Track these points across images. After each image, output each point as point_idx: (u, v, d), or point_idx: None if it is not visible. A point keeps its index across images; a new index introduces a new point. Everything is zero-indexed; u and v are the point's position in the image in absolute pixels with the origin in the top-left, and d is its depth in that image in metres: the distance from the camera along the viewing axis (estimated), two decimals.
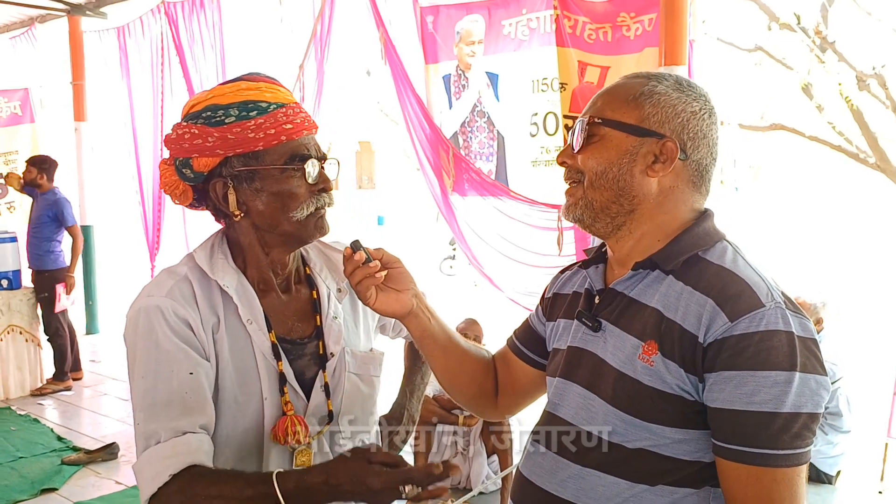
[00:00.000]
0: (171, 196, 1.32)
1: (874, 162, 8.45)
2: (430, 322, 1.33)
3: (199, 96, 1.26)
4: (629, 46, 3.77)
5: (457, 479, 3.79)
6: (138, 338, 1.19)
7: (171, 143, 1.25)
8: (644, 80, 1.14)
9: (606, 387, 1.12)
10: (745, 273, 1.07)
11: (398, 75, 4.48)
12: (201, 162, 1.22)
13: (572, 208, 1.17)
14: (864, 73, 7.90)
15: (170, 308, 1.19)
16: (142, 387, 1.17)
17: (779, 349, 1.00)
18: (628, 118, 1.12)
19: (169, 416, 1.14)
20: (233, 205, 1.23)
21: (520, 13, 4.12)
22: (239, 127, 1.20)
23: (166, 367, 1.17)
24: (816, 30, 7.81)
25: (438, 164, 4.45)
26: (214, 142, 1.20)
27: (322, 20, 4.81)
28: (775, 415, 0.99)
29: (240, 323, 1.24)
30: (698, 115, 1.12)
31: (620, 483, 1.10)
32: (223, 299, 1.25)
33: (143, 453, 1.14)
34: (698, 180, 1.15)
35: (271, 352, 1.26)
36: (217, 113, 1.21)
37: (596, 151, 1.13)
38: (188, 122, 1.23)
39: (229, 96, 1.22)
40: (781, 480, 1.01)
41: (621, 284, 1.17)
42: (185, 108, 1.28)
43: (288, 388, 1.26)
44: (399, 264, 1.29)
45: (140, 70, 6.27)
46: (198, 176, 1.24)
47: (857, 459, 3.95)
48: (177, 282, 1.23)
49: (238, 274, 1.27)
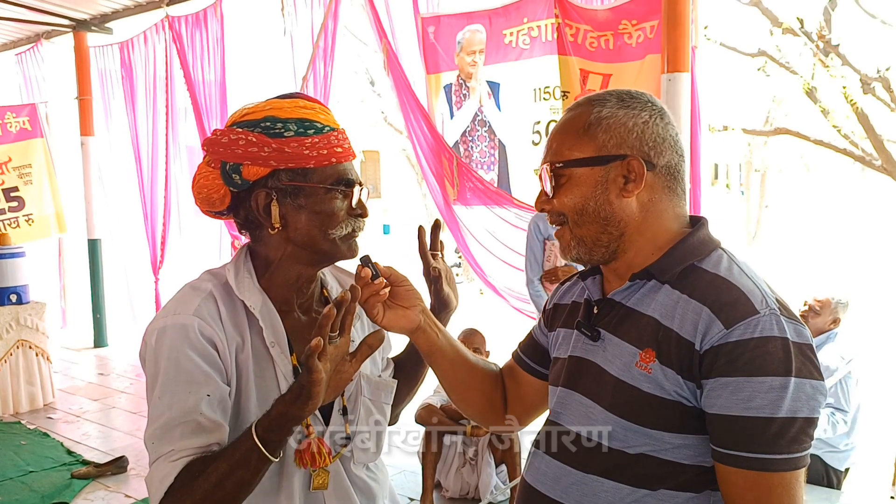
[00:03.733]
0: (203, 200, 1.28)
1: (881, 164, 8.43)
2: (438, 337, 1.35)
3: (256, 105, 1.25)
4: (631, 54, 3.77)
5: (465, 489, 3.79)
6: (161, 356, 1.18)
7: (220, 147, 1.23)
8: (587, 107, 1.16)
9: (606, 394, 1.14)
10: (739, 281, 1.08)
11: (400, 86, 4.50)
12: (252, 170, 1.21)
13: (567, 250, 1.20)
14: (869, 76, 7.88)
15: (196, 327, 1.18)
16: (159, 406, 1.17)
17: (774, 355, 1.01)
18: (586, 152, 1.14)
19: (182, 435, 1.15)
20: (275, 217, 1.23)
21: (521, 22, 4.14)
22: (296, 142, 1.21)
23: (185, 387, 1.16)
24: (819, 33, 7.81)
25: (441, 174, 4.46)
26: (270, 152, 1.20)
27: (325, 32, 4.84)
28: (771, 420, 1.00)
29: (263, 345, 1.25)
30: (650, 123, 1.14)
31: (622, 488, 1.11)
32: (248, 319, 1.25)
33: (154, 465, 1.15)
34: (673, 183, 1.16)
35: (293, 375, 1.26)
36: (276, 125, 1.21)
37: (569, 192, 1.15)
38: (244, 129, 1.22)
39: (287, 111, 1.23)
40: (779, 484, 1.02)
41: (619, 294, 1.18)
42: (237, 115, 1.26)
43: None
44: (407, 282, 1.31)
45: (144, 84, 6.32)
46: (244, 183, 1.23)
47: (867, 464, 3.92)
48: (203, 299, 1.22)
49: (263, 295, 1.27)
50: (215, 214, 1.31)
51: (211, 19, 5.61)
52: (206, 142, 1.26)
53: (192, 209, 6.18)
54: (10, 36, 7.35)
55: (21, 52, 7.40)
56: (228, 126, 1.26)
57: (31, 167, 7.00)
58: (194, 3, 5.75)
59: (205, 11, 5.63)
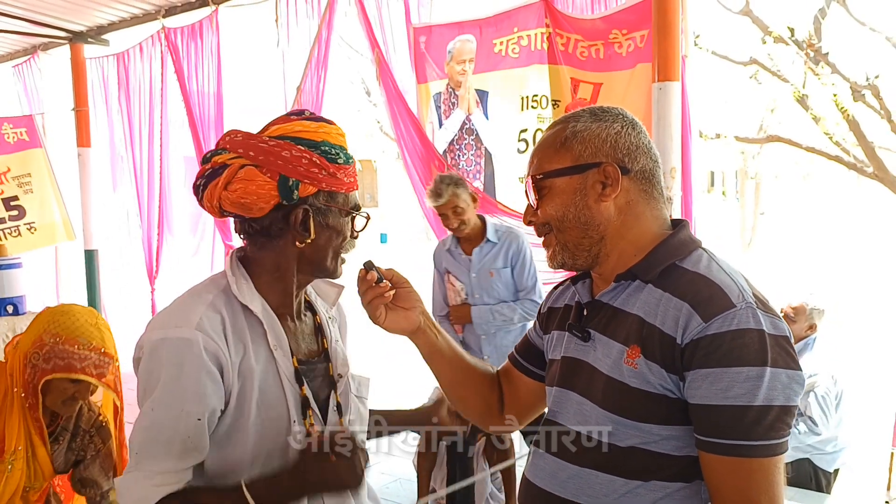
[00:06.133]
0: (241, 205, 1.26)
1: (872, 171, 8.49)
2: (437, 339, 1.41)
3: (308, 125, 1.28)
4: (621, 63, 3.81)
5: None
6: (159, 369, 1.19)
7: (279, 160, 1.24)
8: (563, 125, 1.25)
9: (597, 391, 1.20)
10: (717, 277, 1.14)
11: (391, 95, 4.54)
12: (306, 188, 1.26)
13: (553, 257, 1.27)
14: (859, 84, 7.95)
15: (201, 342, 1.20)
16: (149, 417, 1.20)
17: (750, 346, 1.06)
18: (565, 162, 1.22)
19: (167, 455, 1.19)
20: (312, 232, 1.29)
21: (511, 31, 4.17)
22: (343, 170, 1.29)
23: (178, 405, 1.19)
24: (809, 42, 7.88)
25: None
26: (325, 176, 1.27)
27: (319, 42, 4.88)
28: (748, 408, 1.05)
29: (267, 349, 1.28)
30: (622, 133, 1.22)
31: (616, 480, 1.17)
32: (248, 325, 1.28)
33: (131, 474, 1.20)
34: (649, 187, 1.23)
35: (294, 377, 1.30)
36: (332, 150, 1.28)
37: (551, 201, 1.23)
38: (306, 148, 1.25)
39: (335, 137, 1.30)
40: (758, 470, 1.07)
41: (606, 296, 1.24)
42: (289, 130, 1.27)
43: (311, 410, 1.32)
44: (407, 284, 1.38)
45: (139, 95, 6.35)
46: (296, 199, 1.26)
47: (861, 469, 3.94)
48: (206, 309, 1.24)
49: (262, 299, 1.31)
50: (223, 215, 1.32)
51: (207, 30, 5.64)
52: (256, 148, 1.25)
53: (187, 218, 6.21)
54: (8, 48, 7.38)
55: (18, 64, 7.43)
56: (278, 137, 1.26)
57: (30, 176, 7.01)
58: (191, 15, 5.78)
59: (201, 23, 5.66)
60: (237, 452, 1.25)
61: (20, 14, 5.93)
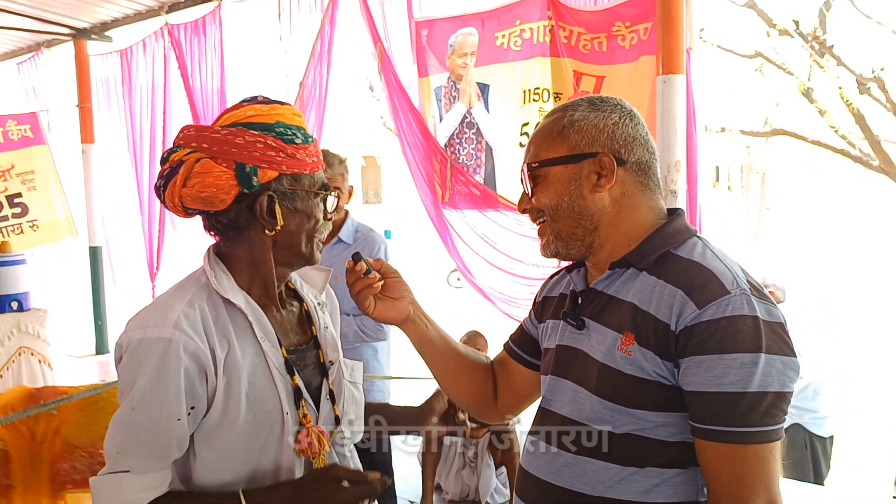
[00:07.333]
0: (202, 200, 1.23)
1: (878, 165, 8.45)
2: (427, 328, 1.42)
3: (259, 108, 1.25)
4: (624, 55, 3.79)
5: (465, 491, 3.80)
6: (138, 369, 1.18)
7: (234, 147, 1.21)
8: (561, 113, 1.25)
9: (591, 379, 1.20)
10: (712, 264, 1.14)
11: (393, 90, 4.53)
12: (266, 173, 1.22)
13: (546, 246, 1.27)
14: (864, 77, 7.91)
15: (180, 343, 1.17)
16: (128, 417, 1.18)
17: (744, 332, 1.06)
18: (561, 151, 1.22)
19: (147, 454, 1.18)
20: (279, 219, 1.25)
21: (513, 24, 4.15)
22: (303, 150, 1.25)
23: (157, 406, 1.17)
24: (814, 35, 7.84)
25: (431, 178, 4.47)
26: (284, 158, 1.23)
27: (322, 37, 4.87)
28: (743, 394, 1.05)
29: (254, 342, 1.26)
30: (620, 124, 1.21)
31: (612, 467, 1.17)
32: (231, 319, 1.25)
33: (110, 476, 1.19)
34: (645, 178, 1.23)
35: (284, 367, 1.28)
36: (288, 131, 1.24)
37: (546, 189, 1.23)
38: (260, 132, 1.22)
39: (289, 118, 1.26)
40: (753, 456, 1.07)
41: (600, 284, 1.25)
42: (241, 116, 1.24)
43: (304, 400, 1.30)
44: (396, 274, 1.39)
45: (142, 91, 6.36)
46: (258, 186, 1.23)
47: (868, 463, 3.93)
48: (184, 308, 1.21)
49: (243, 293, 1.28)
50: (188, 214, 1.28)
51: (210, 26, 5.64)
52: (209, 139, 1.22)
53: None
54: (11, 45, 7.40)
55: (22, 62, 7.45)
56: (230, 125, 1.23)
57: (34, 173, 7.02)
58: (193, 11, 5.78)
59: (204, 19, 5.66)
60: (229, 448, 1.23)
61: (24, 11, 5.95)
